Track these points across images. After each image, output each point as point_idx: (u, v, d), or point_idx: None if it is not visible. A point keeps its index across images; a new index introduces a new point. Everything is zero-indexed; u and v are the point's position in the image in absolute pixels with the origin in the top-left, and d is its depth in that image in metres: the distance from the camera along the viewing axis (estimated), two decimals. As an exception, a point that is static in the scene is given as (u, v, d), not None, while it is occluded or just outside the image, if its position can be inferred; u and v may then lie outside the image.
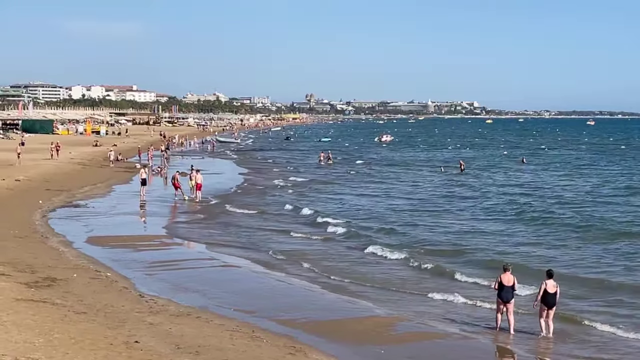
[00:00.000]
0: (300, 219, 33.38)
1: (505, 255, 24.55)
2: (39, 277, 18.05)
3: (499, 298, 16.48)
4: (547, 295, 16.09)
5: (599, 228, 30.56)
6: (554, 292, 16.15)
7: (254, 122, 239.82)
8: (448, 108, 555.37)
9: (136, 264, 22.32)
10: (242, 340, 14.15)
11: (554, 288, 16.19)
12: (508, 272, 16.59)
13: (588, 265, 23.77)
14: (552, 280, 16.28)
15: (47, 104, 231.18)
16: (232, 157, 78.72)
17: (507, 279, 16.46)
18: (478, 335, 16.27)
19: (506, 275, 16.50)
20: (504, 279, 16.43)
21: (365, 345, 15.03)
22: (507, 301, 16.38)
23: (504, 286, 16.39)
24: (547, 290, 16.10)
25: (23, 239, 24.66)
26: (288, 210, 36.08)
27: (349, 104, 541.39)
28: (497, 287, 16.51)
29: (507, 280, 16.44)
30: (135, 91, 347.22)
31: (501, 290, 16.40)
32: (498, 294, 16.50)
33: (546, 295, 16.09)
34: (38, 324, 13.00)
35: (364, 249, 26.00)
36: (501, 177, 57.08)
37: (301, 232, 29.39)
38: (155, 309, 16.14)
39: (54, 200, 35.34)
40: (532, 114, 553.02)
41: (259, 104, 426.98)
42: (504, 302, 16.41)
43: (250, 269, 22.41)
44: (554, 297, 16.13)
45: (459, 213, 36.04)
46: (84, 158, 60.91)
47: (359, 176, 57.57)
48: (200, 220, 32.08)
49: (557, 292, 16.20)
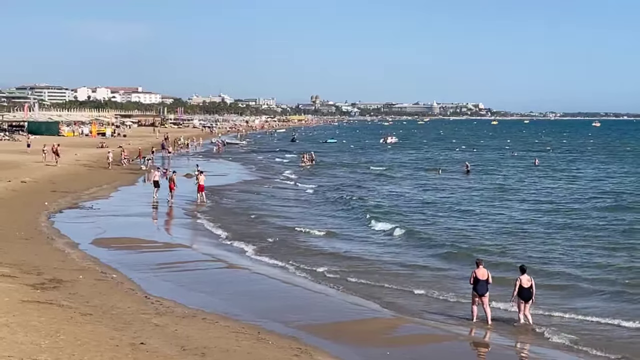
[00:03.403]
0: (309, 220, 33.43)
1: (518, 257, 24.62)
2: (45, 278, 18.06)
3: (475, 291, 17.35)
4: (522, 289, 17.02)
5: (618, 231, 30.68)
6: (528, 287, 17.04)
7: (259, 123, 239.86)
8: (453, 109, 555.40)
9: (142, 265, 22.32)
10: (247, 341, 14.15)
11: (528, 282, 17.12)
12: (481, 267, 17.54)
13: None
14: (525, 275, 17.28)
15: (52, 105, 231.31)
16: (238, 158, 78.74)
17: (481, 273, 17.36)
18: (485, 337, 16.28)
19: (480, 270, 17.41)
20: (478, 274, 17.36)
21: (370, 347, 15.02)
22: (482, 294, 17.32)
23: (479, 280, 17.26)
24: (522, 285, 17.03)
25: (29, 240, 24.71)
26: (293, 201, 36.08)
27: (354, 105, 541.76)
28: (473, 282, 17.34)
29: (481, 274, 17.34)
30: (141, 93, 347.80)
31: (476, 284, 17.22)
32: (473, 287, 17.32)
33: (521, 289, 17.02)
34: (44, 326, 13.01)
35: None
36: (512, 181, 56.61)
37: (309, 235, 29.39)
38: (161, 311, 16.15)
39: (60, 202, 35.38)
40: (537, 115, 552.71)
41: (265, 106, 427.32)
42: (479, 295, 17.29)
43: (255, 270, 22.40)
44: (528, 291, 17.02)
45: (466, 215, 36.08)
46: (89, 160, 60.96)
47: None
48: (206, 222, 32.08)
49: (532, 285, 17.11)
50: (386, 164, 74.30)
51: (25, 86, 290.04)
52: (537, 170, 66.30)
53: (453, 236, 29.40)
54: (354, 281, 21.47)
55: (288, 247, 26.51)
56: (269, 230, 30.23)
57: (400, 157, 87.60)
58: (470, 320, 17.43)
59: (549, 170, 66.22)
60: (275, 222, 32.37)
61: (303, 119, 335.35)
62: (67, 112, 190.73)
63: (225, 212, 35.29)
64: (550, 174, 61.41)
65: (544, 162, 74.58)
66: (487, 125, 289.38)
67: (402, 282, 21.49)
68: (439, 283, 21.49)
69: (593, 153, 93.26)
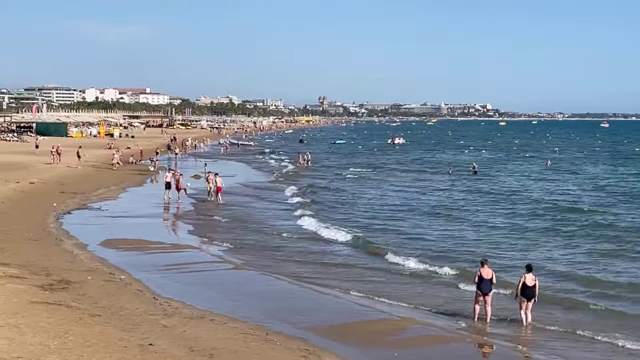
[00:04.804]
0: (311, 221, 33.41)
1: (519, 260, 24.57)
2: (54, 279, 18.12)
3: (479, 290, 17.47)
4: (526, 288, 17.09)
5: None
6: (532, 285, 17.10)
7: (267, 124, 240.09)
8: (461, 110, 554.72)
9: (150, 266, 22.36)
10: (255, 342, 14.16)
11: (532, 281, 17.15)
12: (486, 266, 17.65)
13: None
14: (531, 274, 17.30)
15: (61, 106, 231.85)
16: (245, 159, 78.83)
17: (485, 272, 17.50)
18: (492, 339, 16.25)
19: (485, 269, 17.54)
20: (483, 273, 17.50)
21: (378, 349, 15.02)
22: (485, 293, 17.45)
23: (484, 279, 17.43)
24: (525, 283, 17.12)
25: (37, 241, 24.77)
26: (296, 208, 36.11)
27: (361, 106, 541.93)
28: (477, 280, 17.46)
29: (486, 273, 17.49)
30: (149, 94, 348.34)
31: (480, 283, 17.39)
32: (478, 286, 17.44)
33: (525, 288, 17.08)
34: (53, 327, 13.05)
35: (381, 255, 25.97)
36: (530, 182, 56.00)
37: (312, 239, 29.36)
38: (169, 312, 16.17)
39: (68, 203, 35.47)
40: (545, 116, 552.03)
41: (272, 107, 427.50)
42: (483, 294, 17.42)
43: (262, 271, 22.40)
44: (532, 290, 17.07)
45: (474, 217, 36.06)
46: (97, 161, 61.11)
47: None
48: (214, 223, 32.15)
49: (535, 285, 17.18)
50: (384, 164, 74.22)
51: (33, 87, 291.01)
52: (551, 170, 65.78)
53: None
54: (358, 283, 21.48)
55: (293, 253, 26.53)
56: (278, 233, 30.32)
57: (407, 156, 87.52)
58: (472, 319, 17.53)
59: (562, 171, 65.22)
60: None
61: (311, 119, 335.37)
62: (75, 113, 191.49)
63: (237, 214, 35.27)
64: (566, 176, 60.16)
65: (555, 164, 73.63)
66: (495, 126, 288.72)
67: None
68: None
69: (608, 155, 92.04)
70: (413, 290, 20.79)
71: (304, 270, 23.03)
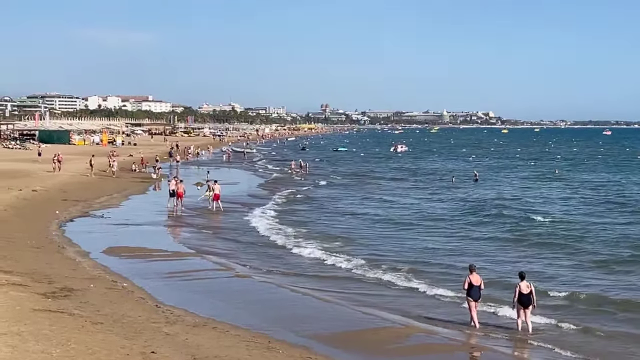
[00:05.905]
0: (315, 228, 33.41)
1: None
2: (56, 287, 18.11)
3: (469, 297, 17.55)
4: (522, 295, 17.09)
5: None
6: (527, 293, 17.10)
7: (269, 132, 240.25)
8: (463, 118, 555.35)
9: (152, 274, 22.35)
10: (258, 350, 14.14)
11: (527, 289, 17.15)
12: (475, 273, 17.79)
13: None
14: (524, 281, 17.28)
15: (63, 114, 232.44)
16: (248, 167, 78.87)
17: (475, 279, 17.64)
18: (495, 345, 16.22)
19: (474, 276, 17.68)
20: (472, 279, 17.57)
21: (381, 357, 14.99)
22: (476, 299, 17.54)
23: (473, 285, 17.54)
24: (521, 291, 17.06)
25: (40, 249, 24.78)
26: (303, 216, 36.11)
27: (364, 114, 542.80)
28: (467, 287, 17.58)
29: (475, 280, 17.63)
30: (151, 101, 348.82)
31: (470, 289, 17.51)
32: (467, 292, 17.54)
33: (521, 296, 17.09)
34: (55, 334, 13.05)
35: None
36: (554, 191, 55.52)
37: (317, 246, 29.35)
38: (171, 320, 16.15)
39: (71, 211, 35.48)
40: (548, 123, 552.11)
41: (275, 114, 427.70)
42: (474, 300, 17.50)
43: (264, 279, 22.38)
44: (528, 297, 17.08)
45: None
46: (100, 168, 61.05)
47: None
48: (217, 231, 32.16)
49: (531, 292, 17.18)
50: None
51: (36, 95, 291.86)
52: (559, 180, 64.16)
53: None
54: (362, 291, 21.44)
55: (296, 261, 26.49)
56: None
57: (410, 164, 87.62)
58: (473, 327, 17.46)
59: (569, 180, 64.07)
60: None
61: (313, 127, 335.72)
62: (77, 121, 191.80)
63: (239, 222, 35.26)
64: (575, 187, 57.93)
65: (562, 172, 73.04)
66: (498, 133, 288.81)
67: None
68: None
69: (614, 162, 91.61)
70: (412, 300, 20.64)
71: (304, 280, 22.92)
